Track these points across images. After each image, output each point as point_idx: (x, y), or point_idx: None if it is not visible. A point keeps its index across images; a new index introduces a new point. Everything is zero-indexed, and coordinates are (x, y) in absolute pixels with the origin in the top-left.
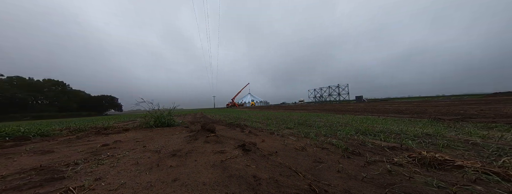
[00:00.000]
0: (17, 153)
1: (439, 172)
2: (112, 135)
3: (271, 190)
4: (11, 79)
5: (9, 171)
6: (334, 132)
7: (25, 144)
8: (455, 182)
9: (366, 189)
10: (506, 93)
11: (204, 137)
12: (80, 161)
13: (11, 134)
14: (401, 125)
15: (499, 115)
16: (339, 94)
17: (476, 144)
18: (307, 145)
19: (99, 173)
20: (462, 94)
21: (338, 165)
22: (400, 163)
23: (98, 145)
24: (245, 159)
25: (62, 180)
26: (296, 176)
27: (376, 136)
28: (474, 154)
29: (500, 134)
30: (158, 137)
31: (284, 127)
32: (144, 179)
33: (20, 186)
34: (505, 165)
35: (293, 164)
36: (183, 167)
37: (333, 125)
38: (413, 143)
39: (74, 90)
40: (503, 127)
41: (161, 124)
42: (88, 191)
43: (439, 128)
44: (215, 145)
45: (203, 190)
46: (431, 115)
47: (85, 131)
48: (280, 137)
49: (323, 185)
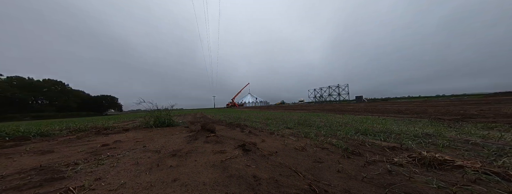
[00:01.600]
0: (17, 153)
1: (439, 172)
2: (112, 135)
3: (271, 190)
4: (11, 79)
5: (9, 171)
6: (334, 132)
7: (25, 144)
8: (455, 182)
9: (366, 189)
10: (506, 93)
11: (204, 137)
12: (80, 161)
13: (11, 134)
14: (401, 125)
15: (499, 115)
16: (339, 94)
17: (476, 144)
18: (307, 145)
19: (99, 173)
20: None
21: (338, 165)
22: (400, 163)
23: (98, 145)
24: (245, 159)
25: (62, 180)
26: (296, 176)
27: (376, 136)
28: (474, 154)
29: (500, 134)
30: (158, 137)
31: (284, 127)
32: (144, 179)
33: (20, 186)
34: (505, 165)
35: (293, 164)
36: (183, 167)
37: (333, 125)
38: (413, 143)
39: (73, 90)
40: (503, 127)
41: (161, 124)
42: (88, 191)
43: (439, 128)
44: (215, 145)
45: (203, 190)
46: (431, 115)
47: (85, 131)
48: (280, 137)
49: (323, 185)
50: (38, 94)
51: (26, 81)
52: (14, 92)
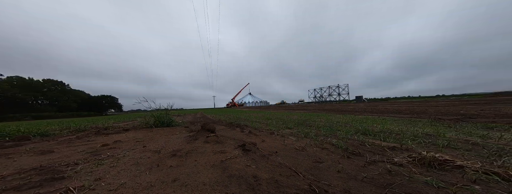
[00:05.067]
0: (17, 153)
1: (439, 172)
2: (112, 135)
3: (271, 190)
4: (11, 79)
5: (9, 171)
6: (334, 132)
7: (25, 144)
8: (455, 182)
9: (366, 189)
10: (506, 93)
11: (204, 137)
12: (80, 161)
13: (11, 134)
14: (401, 125)
15: (499, 115)
16: (339, 94)
17: (476, 144)
18: (307, 145)
19: (99, 173)
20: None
21: (338, 165)
22: (400, 163)
23: (98, 145)
24: (245, 159)
25: (62, 180)
26: (296, 176)
27: (376, 136)
28: (474, 154)
29: (500, 134)
30: (158, 137)
31: (284, 127)
32: (144, 179)
33: (20, 186)
34: (505, 165)
35: (293, 164)
36: (183, 167)
37: (333, 125)
38: (413, 143)
39: (74, 90)
40: (503, 127)
41: (161, 124)
42: (88, 191)
43: (439, 128)
44: (215, 145)
45: (203, 190)
46: (431, 115)
47: (85, 131)
48: (280, 137)
49: (323, 185)
50: (38, 94)
51: (26, 81)
52: (14, 92)
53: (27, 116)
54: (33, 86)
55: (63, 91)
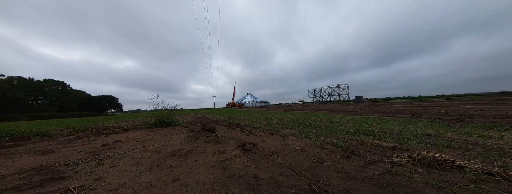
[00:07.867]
0: (17, 153)
1: (439, 172)
2: (112, 135)
3: (271, 190)
4: (11, 79)
5: (9, 171)
6: (334, 132)
7: (25, 144)
8: (455, 182)
9: (366, 189)
10: (506, 93)
11: (204, 137)
12: (80, 161)
13: (11, 134)
14: (401, 125)
15: (499, 115)
16: (339, 94)
17: (476, 144)
18: (307, 145)
19: (99, 173)
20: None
21: (338, 165)
22: (400, 163)
23: (98, 145)
24: (245, 159)
25: (62, 180)
26: (296, 176)
27: (376, 136)
28: (474, 154)
29: (500, 134)
30: (158, 137)
31: (284, 127)
32: (144, 179)
33: (20, 186)
34: (505, 165)
35: (293, 164)
36: (183, 167)
37: (333, 125)
38: (413, 143)
39: (74, 90)
40: (503, 127)
41: (161, 124)
42: (88, 191)
43: (439, 128)
44: (215, 145)
45: (203, 190)
46: (431, 115)
47: (85, 131)
48: (280, 137)
49: (323, 185)
50: (38, 94)
51: (26, 81)
52: (14, 92)
53: (27, 116)
54: (33, 86)
55: (63, 91)
